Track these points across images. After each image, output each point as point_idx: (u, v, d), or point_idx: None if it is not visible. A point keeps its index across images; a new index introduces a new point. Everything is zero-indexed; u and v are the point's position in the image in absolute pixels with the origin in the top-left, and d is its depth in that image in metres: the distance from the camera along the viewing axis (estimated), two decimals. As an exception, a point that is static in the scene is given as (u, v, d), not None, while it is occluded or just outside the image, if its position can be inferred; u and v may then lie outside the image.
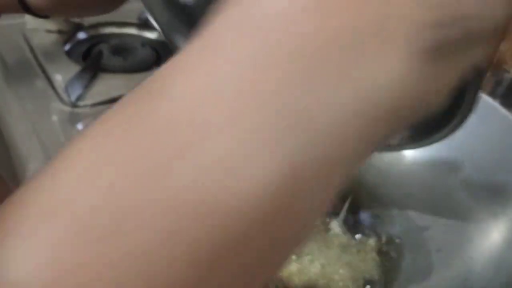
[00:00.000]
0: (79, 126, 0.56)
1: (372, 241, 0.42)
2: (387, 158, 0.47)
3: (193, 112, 0.13)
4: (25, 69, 0.65)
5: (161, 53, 0.73)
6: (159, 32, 0.77)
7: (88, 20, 0.75)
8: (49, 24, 0.71)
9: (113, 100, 0.59)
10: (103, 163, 0.13)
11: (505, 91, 0.55)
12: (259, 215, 0.12)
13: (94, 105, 0.59)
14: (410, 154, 0.46)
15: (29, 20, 0.71)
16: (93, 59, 0.65)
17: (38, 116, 0.57)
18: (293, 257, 0.39)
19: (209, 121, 0.12)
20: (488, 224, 0.40)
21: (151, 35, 0.77)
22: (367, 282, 0.40)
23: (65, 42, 0.70)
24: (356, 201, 0.46)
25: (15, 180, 0.55)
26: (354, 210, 0.45)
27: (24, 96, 0.60)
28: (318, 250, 0.41)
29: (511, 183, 0.40)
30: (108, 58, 0.67)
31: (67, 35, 0.71)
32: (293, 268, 0.38)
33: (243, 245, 0.12)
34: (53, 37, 0.70)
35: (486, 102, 0.44)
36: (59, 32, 0.71)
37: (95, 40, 0.73)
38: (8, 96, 0.60)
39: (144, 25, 0.77)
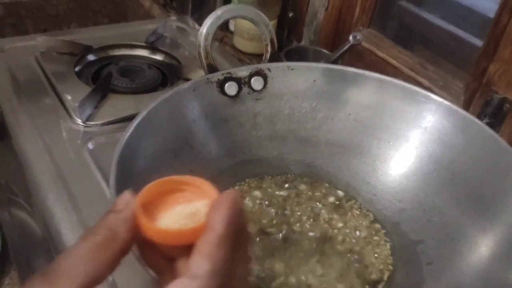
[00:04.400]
0: (90, 145, 0.59)
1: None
2: (381, 175, 0.50)
3: None
4: (36, 89, 0.68)
5: (167, 74, 0.76)
6: (165, 54, 0.80)
7: (97, 43, 0.78)
8: (60, 47, 0.75)
9: (121, 120, 0.62)
10: None
11: (493, 111, 0.57)
12: None
13: (104, 124, 0.62)
14: (402, 171, 0.49)
15: (41, 43, 0.74)
16: (102, 80, 0.68)
17: (50, 134, 0.60)
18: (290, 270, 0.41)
19: None
20: (476, 239, 0.42)
21: (157, 57, 0.81)
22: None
23: (75, 64, 0.73)
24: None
25: (27, 195, 0.58)
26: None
27: (36, 115, 0.63)
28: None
29: (498, 200, 0.42)
30: (116, 79, 0.71)
31: (77, 57, 0.74)
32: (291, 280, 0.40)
33: None
34: (64, 59, 0.74)
35: (474, 123, 0.46)
36: (70, 54, 0.75)
37: (104, 62, 0.76)
38: (21, 115, 0.63)
39: (151, 47, 0.81)
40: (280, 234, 0.45)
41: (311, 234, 0.45)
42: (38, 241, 0.59)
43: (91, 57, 0.77)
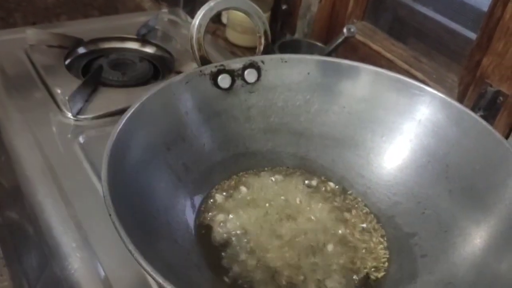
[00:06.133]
0: (81, 138, 0.58)
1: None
2: (375, 168, 0.49)
3: None
4: (26, 83, 0.67)
5: (158, 67, 0.75)
6: (156, 47, 0.79)
7: (87, 35, 0.77)
8: (50, 39, 0.73)
9: (112, 113, 0.62)
10: None
11: (487, 104, 0.57)
12: None
13: (94, 118, 0.61)
14: (396, 164, 0.49)
15: (30, 35, 0.73)
16: (93, 73, 0.67)
17: (39, 128, 0.59)
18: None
19: None
20: (470, 231, 0.42)
21: (149, 49, 0.80)
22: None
23: (65, 57, 0.72)
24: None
25: (17, 189, 0.57)
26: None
27: (25, 109, 0.62)
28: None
29: (492, 192, 0.42)
30: (107, 72, 0.70)
31: (67, 50, 0.73)
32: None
33: None
34: (54, 52, 0.73)
35: (468, 115, 0.46)
36: (60, 47, 0.73)
37: (95, 55, 0.75)
38: (10, 108, 0.62)
39: (142, 40, 0.80)
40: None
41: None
42: (29, 238, 0.58)
43: (81, 50, 0.76)
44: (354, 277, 0.42)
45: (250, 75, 0.50)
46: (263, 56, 0.51)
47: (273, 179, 0.50)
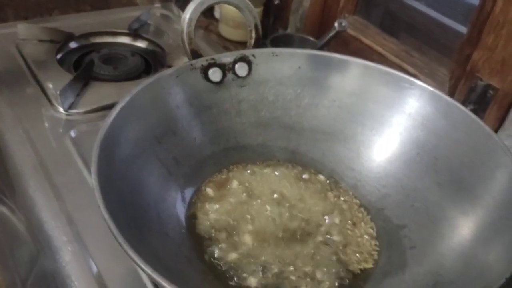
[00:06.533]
0: (72, 133, 0.58)
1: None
2: (365, 161, 0.50)
3: None
4: (17, 78, 0.67)
5: (150, 61, 0.75)
6: (148, 41, 0.79)
7: (79, 30, 0.77)
8: (41, 34, 0.73)
9: (104, 108, 0.62)
10: None
11: (478, 98, 0.58)
12: None
13: (86, 112, 0.61)
14: (386, 157, 0.49)
15: (21, 30, 0.72)
16: (84, 68, 0.67)
17: (31, 123, 0.59)
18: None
19: None
20: (458, 222, 0.42)
21: (140, 44, 0.79)
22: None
23: (56, 51, 0.72)
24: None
25: (9, 184, 0.57)
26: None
27: (16, 104, 0.62)
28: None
29: (480, 184, 0.42)
30: (99, 67, 0.69)
31: (59, 44, 0.73)
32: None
33: None
34: (45, 46, 0.72)
35: (458, 108, 0.46)
36: (51, 41, 0.73)
37: (86, 49, 0.75)
38: (1, 103, 0.62)
39: (134, 34, 0.79)
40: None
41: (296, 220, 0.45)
42: (21, 232, 0.58)
43: (73, 45, 0.76)
44: (343, 268, 0.42)
45: (241, 69, 0.50)
46: (254, 50, 0.51)
47: (263, 172, 0.50)
